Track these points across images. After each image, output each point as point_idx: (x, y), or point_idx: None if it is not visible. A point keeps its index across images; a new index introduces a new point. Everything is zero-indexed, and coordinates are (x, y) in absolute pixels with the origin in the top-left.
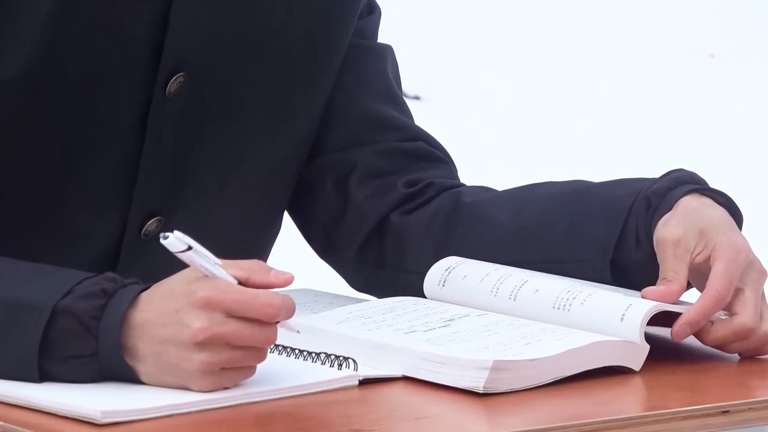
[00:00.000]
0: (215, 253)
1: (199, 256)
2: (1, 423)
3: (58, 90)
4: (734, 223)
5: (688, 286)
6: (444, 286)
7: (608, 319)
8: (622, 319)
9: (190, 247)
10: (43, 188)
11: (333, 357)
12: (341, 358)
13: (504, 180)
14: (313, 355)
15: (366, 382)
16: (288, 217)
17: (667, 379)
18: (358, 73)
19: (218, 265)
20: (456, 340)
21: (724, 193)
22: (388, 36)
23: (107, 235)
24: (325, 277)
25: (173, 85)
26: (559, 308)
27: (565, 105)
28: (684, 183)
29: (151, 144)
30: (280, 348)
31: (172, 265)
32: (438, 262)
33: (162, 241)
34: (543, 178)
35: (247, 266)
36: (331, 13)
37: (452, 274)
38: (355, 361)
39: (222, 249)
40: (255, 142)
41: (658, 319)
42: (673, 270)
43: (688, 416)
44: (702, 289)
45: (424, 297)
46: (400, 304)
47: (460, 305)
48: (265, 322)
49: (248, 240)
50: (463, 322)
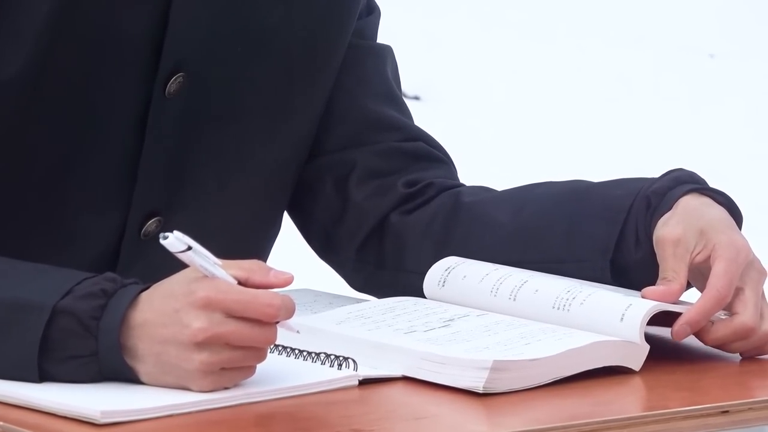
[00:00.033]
0: (215, 253)
1: (199, 257)
2: (1, 423)
3: (58, 90)
4: (734, 223)
5: (688, 286)
6: (444, 286)
7: (608, 319)
8: (622, 319)
9: (189, 247)
10: (42, 188)
11: (333, 357)
12: (341, 358)
13: (504, 180)
14: (313, 355)
15: (366, 382)
16: (288, 217)
17: (667, 379)
18: (358, 74)
19: (218, 265)
20: (456, 340)
21: (724, 193)
22: (388, 36)
23: (107, 235)
24: (325, 278)
25: (173, 85)
26: (558, 308)
27: (565, 105)
28: (683, 182)
29: (151, 144)
30: (280, 348)
31: (172, 265)
32: (438, 262)
33: (162, 242)
34: (543, 178)
35: (246, 266)
36: (331, 14)
37: (452, 274)
38: (354, 361)
39: (222, 249)
40: (254, 142)
41: (658, 319)
42: (673, 270)
43: (687, 416)
44: (702, 289)
45: (424, 297)
46: (400, 304)
47: (460, 305)
48: (264, 322)
49: (248, 240)
50: (463, 322)
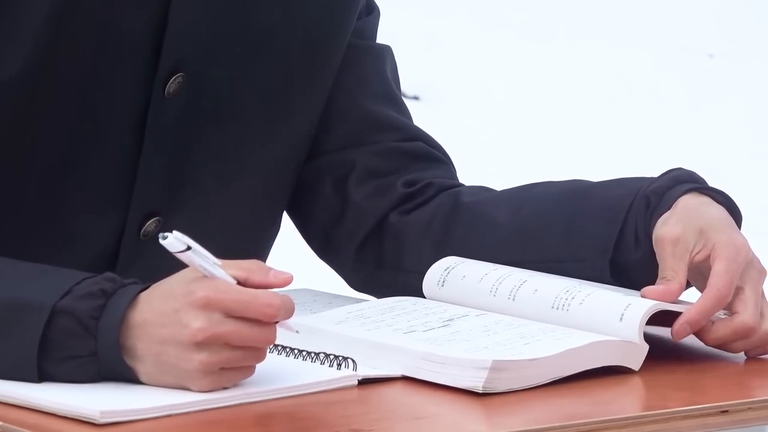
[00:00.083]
0: (214, 253)
1: (198, 256)
2: (1, 423)
3: (57, 90)
4: (733, 222)
5: (688, 285)
6: (443, 286)
7: (607, 319)
8: (621, 319)
9: (189, 247)
10: (41, 189)
11: (332, 357)
12: (340, 358)
13: (503, 180)
14: (312, 355)
15: (365, 382)
16: (287, 217)
17: (666, 379)
18: (357, 74)
19: (217, 265)
20: (455, 340)
21: (723, 192)
22: (387, 36)
23: (106, 235)
24: (324, 277)
25: (172, 85)
26: (558, 308)
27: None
28: (683, 182)
29: (150, 144)
30: (279, 348)
31: (171, 265)
32: (437, 262)
33: (161, 242)
34: (542, 178)
35: (246, 266)
36: (330, 14)
37: (451, 274)
38: (354, 361)
39: (221, 249)
40: (254, 142)
41: (658, 319)
42: (673, 269)
43: (687, 416)
44: (701, 289)
45: (423, 297)
46: (399, 304)
47: (459, 305)
48: (264, 322)
49: (247, 240)
50: (462, 322)
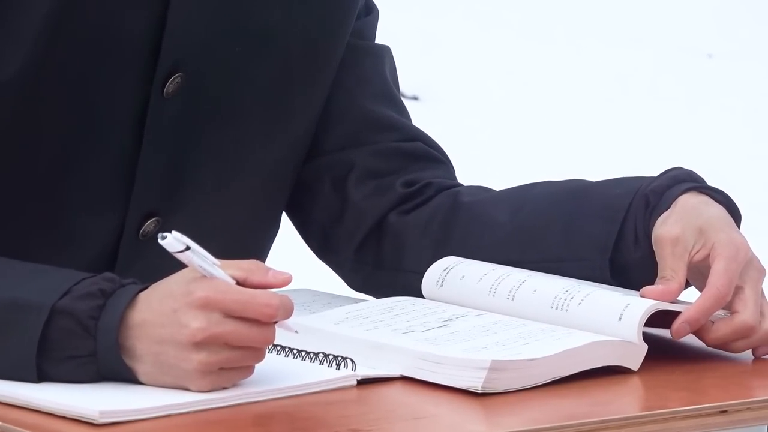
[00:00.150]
0: (213, 254)
1: (198, 257)
2: (0, 423)
3: (56, 91)
4: (733, 221)
5: (687, 285)
6: (442, 286)
7: (606, 319)
8: (620, 319)
9: (188, 248)
10: (40, 189)
11: (331, 357)
12: (339, 358)
13: (502, 180)
14: (312, 355)
15: (364, 382)
16: (287, 217)
17: (666, 379)
18: (357, 74)
19: (216, 265)
20: (454, 340)
21: (722, 191)
22: (386, 36)
23: (105, 235)
24: (324, 277)
25: (171, 85)
26: (557, 308)
27: (563, 105)
28: (682, 181)
29: (149, 144)
30: (279, 348)
31: (171, 265)
32: (436, 262)
33: (160, 242)
34: (541, 178)
35: (245, 266)
36: (330, 14)
37: (450, 274)
38: (353, 361)
39: (220, 249)
40: (253, 143)
41: (658, 321)
42: (672, 269)
43: (686, 416)
44: (701, 288)
45: (423, 297)
46: (399, 304)
47: (459, 305)
48: (263, 322)
49: (246, 240)
50: (462, 322)
